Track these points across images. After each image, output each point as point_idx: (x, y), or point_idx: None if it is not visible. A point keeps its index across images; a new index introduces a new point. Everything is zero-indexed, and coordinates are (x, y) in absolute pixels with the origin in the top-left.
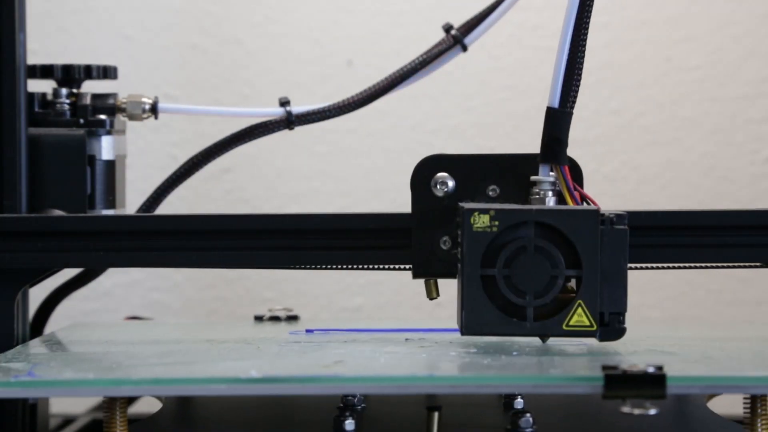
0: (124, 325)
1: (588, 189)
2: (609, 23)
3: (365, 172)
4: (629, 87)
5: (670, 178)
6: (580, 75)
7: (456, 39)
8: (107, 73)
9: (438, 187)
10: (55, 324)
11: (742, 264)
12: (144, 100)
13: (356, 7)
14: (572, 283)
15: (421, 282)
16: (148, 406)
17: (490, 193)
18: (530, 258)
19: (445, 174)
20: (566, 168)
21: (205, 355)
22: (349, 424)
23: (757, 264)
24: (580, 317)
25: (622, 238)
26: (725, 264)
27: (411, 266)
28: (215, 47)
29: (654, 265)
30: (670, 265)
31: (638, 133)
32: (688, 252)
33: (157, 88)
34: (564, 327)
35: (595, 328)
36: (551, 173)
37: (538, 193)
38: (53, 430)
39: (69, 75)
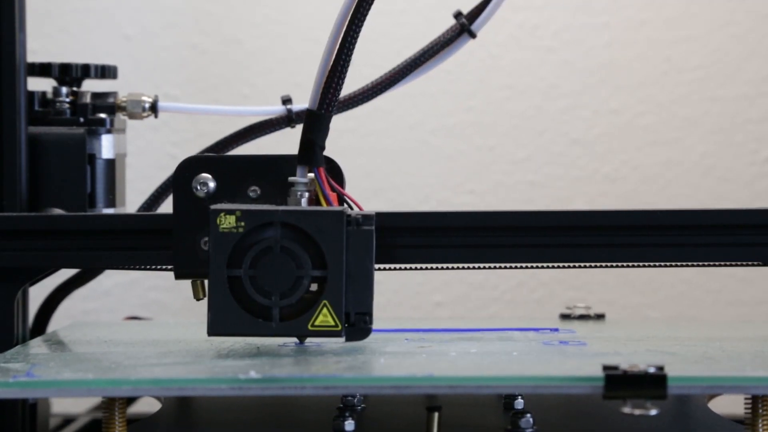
0: (124, 324)
1: (588, 189)
2: (609, 23)
3: (365, 172)
4: (629, 87)
5: (670, 178)
6: (341, 79)
7: (463, 26)
8: (107, 72)
9: (199, 188)
10: (55, 323)
11: (741, 263)
12: (144, 98)
13: None
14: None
15: (420, 281)
16: (147, 406)
17: (251, 194)
18: (276, 258)
19: (206, 175)
20: (321, 170)
21: (205, 355)
22: (349, 424)
23: (757, 263)
24: (325, 317)
25: (368, 238)
26: (725, 263)
27: (173, 267)
28: (215, 47)
29: (654, 264)
30: (670, 264)
31: (638, 133)
32: (688, 252)
33: (157, 88)
34: (309, 327)
35: (339, 328)
36: (309, 174)
37: (294, 194)
38: (53, 430)
39: (68, 74)
